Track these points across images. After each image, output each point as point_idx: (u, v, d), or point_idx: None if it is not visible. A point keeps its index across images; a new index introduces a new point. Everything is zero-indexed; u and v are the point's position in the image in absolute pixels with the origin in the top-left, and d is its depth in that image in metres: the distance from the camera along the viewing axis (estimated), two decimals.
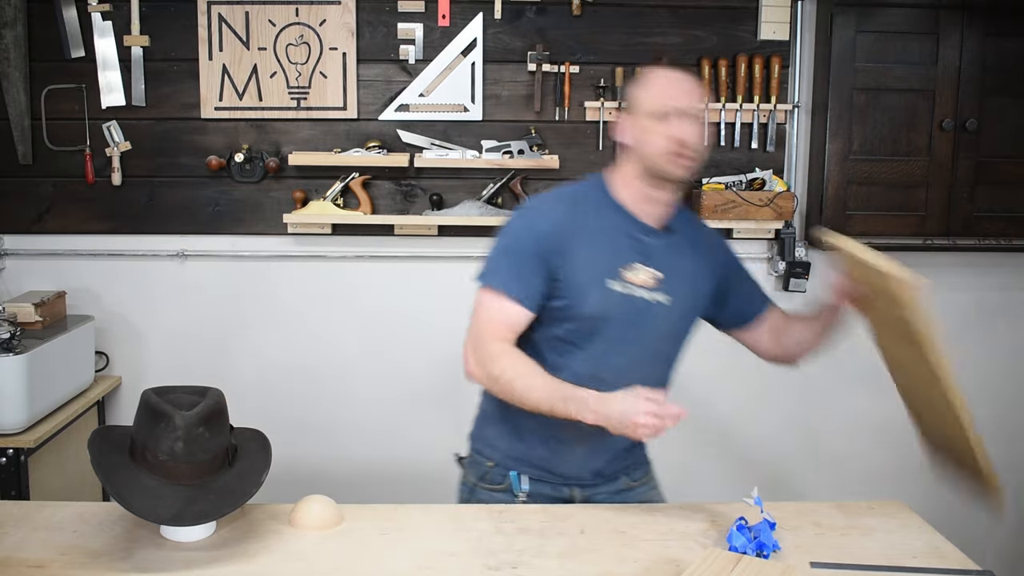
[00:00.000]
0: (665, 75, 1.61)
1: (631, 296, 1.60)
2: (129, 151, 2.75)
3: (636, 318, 1.62)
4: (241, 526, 1.53)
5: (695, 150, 1.58)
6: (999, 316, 2.97)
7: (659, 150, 1.57)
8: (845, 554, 1.46)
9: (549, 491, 1.73)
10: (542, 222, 1.62)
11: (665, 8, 2.77)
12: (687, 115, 1.57)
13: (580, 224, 1.61)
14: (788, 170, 2.83)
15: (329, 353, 2.85)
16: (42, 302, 2.55)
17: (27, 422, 2.32)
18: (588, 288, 1.59)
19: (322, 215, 2.71)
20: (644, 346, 1.65)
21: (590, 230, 1.61)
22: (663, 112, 1.56)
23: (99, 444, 1.50)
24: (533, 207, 1.70)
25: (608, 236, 1.61)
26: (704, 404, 2.94)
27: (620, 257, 1.61)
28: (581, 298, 1.59)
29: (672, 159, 1.56)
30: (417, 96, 2.76)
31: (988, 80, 2.70)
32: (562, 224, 1.60)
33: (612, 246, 1.61)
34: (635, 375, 1.57)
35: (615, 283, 1.60)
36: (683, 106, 1.57)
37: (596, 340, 1.61)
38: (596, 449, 1.70)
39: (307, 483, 1.87)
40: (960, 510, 3.12)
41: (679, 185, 1.63)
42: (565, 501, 1.73)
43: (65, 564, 1.39)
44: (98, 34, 2.70)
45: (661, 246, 1.64)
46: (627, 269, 1.60)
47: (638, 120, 1.60)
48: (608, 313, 1.60)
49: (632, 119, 1.62)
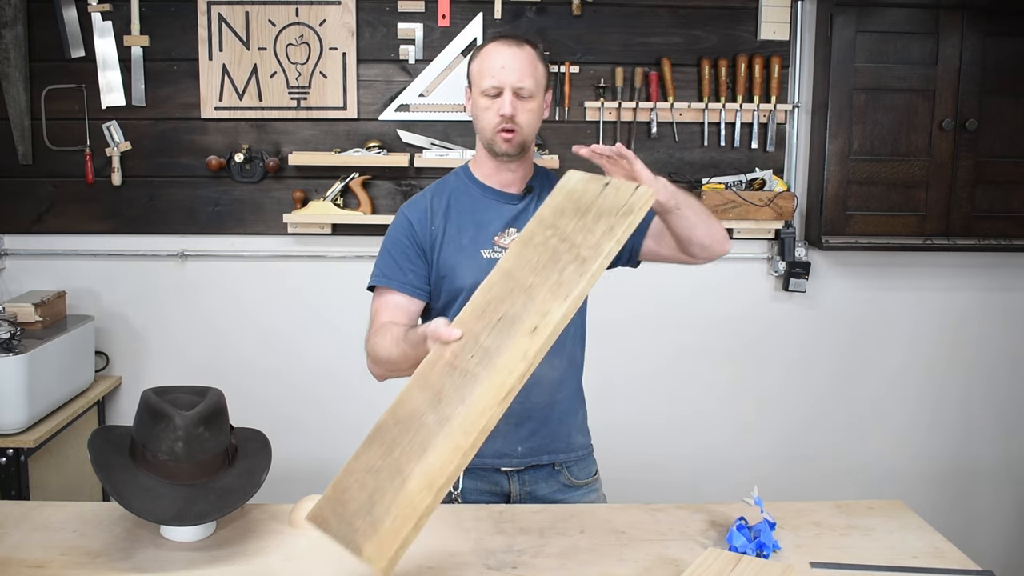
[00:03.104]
0: (495, 50, 1.64)
1: None
2: (129, 151, 2.75)
3: None
4: (241, 526, 1.53)
5: (521, 126, 1.63)
6: (999, 316, 2.97)
7: (489, 124, 1.64)
8: (845, 554, 1.46)
9: (484, 485, 1.74)
10: (411, 213, 1.72)
11: (665, 8, 2.77)
12: (513, 90, 1.61)
13: (448, 206, 1.71)
14: (788, 170, 2.84)
15: (329, 353, 2.85)
16: (42, 302, 2.55)
17: (27, 422, 2.32)
18: (462, 261, 1.67)
19: (322, 215, 2.71)
20: None
21: (458, 209, 1.71)
22: (489, 88, 1.62)
23: (99, 444, 1.50)
24: (405, 203, 1.77)
25: (475, 211, 1.71)
26: (704, 405, 2.95)
27: (490, 227, 1.69)
28: (457, 271, 1.67)
29: (500, 134, 1.63)
30: (417, 96, 2.76)
31: (988, 80, 2.70)
32: (429, 210, 1.71)
33: (480, 219, 1.70)
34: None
35: (488, 251, 1.68)
36: (509, 82, 1.61)
37: None
38: (516, 419, 1.69)
39: (307, 483, 1.87)
40: (960, 510, 3.14)
41: (513, 158, 1.67)
42: (503, 497, 1.74)
43: (65, 564, 1.39)
44: (98, 34, 2.70)
45: (525, 207, 1.71)
46: (498, 236, 1.69)
47: (473, 95, 1.67)
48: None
49: (470, 96, 1.69)
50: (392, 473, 1.22)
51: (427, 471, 1.19)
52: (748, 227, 2.78)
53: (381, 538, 1.16)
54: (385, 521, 1.17)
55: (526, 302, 1.28)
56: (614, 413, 2.64)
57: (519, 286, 1.31)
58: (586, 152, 1.51)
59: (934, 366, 2.98)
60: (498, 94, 1.62)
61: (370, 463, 1.26)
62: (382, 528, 1.17)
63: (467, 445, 1.18)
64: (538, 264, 1.32)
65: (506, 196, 1.72)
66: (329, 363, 2.85)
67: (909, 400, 2.99)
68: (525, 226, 1.41)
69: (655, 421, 2.94)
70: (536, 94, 1.64)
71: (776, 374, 2.96)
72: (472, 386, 1.23)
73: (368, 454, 1.28)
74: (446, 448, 1.19)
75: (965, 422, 3.02)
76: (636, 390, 2.91)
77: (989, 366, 3.00)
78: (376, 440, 1.29)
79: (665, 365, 2.90)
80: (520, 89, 1.61)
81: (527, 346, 1.22)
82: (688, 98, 2.79)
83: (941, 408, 3.01)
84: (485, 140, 1.67)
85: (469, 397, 1.22)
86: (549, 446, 1.75)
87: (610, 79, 2.77)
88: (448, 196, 1.72)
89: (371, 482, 1.23)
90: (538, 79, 1.64)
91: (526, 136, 1.65)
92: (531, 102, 1.63)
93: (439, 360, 1.31)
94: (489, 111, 1.63)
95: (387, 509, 1.18)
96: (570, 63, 2.74)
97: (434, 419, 1.24)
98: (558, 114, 2.77)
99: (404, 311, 1.68)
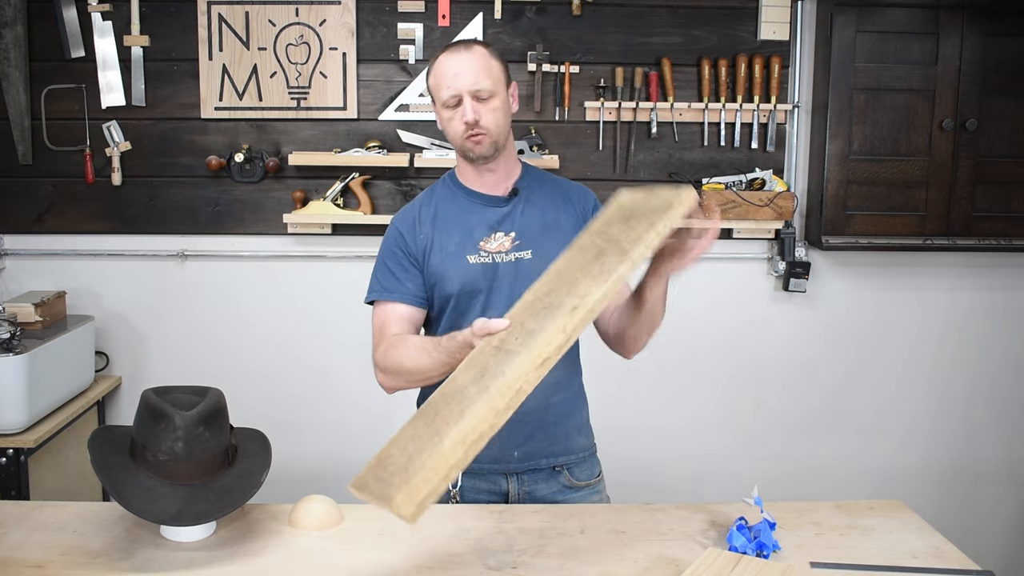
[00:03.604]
0: (445, 61, 1.65)
1: (492, 264, 1.69)
2: (129, 151, 2.75)
3: (503, 280, 1.68)
4: (241, 526, 1.53)
5: (488, 128, 1.64)
6: (999, 316, 2.97)
7: (457, 133, 1.66)
8: (845, 554, 1.46)
9: (482, 484, 1.74)
10: (400, 224, 1.75)
11: (665, 8, 2.77)
12: (471, 95, 1.62)
13: (435, 214, 1.73)
14: (788, 170, 2.84)
15: (329, 353, 2.85)
16: (42, 302, 2.55)
17: (27, 422, 2.32)
18: (448, 268, 1.69)
19: (322, 215, 2.71)
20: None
21: (445, 217, 1.73)
22: (448, 99, 1.64)
23: (99, 444, 1.50)
24: (396, 215, 1.79)
25: (461, 217, 1.72)
26: (704, 405, 2.95)
27: (476, 232, 1.70)
28: (444, 278, 1.69)
29: (469, 140, 1.65)
30: (417, 96, 2.76)
31: (988, 80, 2.70)
32: (417, 220, 1.74)
33: (466, 225, 1.71)
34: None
35: (474, 256, 1.69)
36: (465, 87, 1.62)
37: (475, 311, 1.67)
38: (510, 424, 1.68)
39: (307, 483, 1.87)
40: (961, 510, 3.14)
41: (489, 160, 1.68)
42: (501, 496, 1.74)
43: (65, 564, 1.39)
44: (98, 34, 2.70)
45: (510, 210, 1.72)
46: (484, 241, 1.70)
47: (437, 109, 1.69)
48: (476, 285, 1.68)
49: (436, 109, 1.70)
50: (431, 436, 1.27)
51: (462, 428, 1.23)
52: (748, 227, 2.78)
53: (412, 487, 1.19)
54: (418, 474, 1.21)
55: (569, 290, 1.35)
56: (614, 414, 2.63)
57: (565, 281, 1.39)
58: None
59: (934, 366, 2.98)
60: (458, 103, 1.63)
61: (414, 432, 1.32)
62: (414, 480, 1.20)
63: (502, 405, 1.24)
64: (584, 262, 1.40)
65: (491, 199, 1.73)
66: (329, 363, 2.85)
67: (909, 400, 2.99)
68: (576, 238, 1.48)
69: (655, 421, 2.94)
70: (497, 91, 1.64)
71: (776, 374, 2.96)
72: (513, 360, 1.29)
73: (413, 426, 1.34)
74: (482, 408, 1.24)
75: (966, 422, 3.02)
76: (636, 390, 2.90)
77: (989, 366, 3.00)
78: (422, 414, 1.35)
79: (665, 365, 2.90)
80: (478, 91, 1.62)
81: (566, 322, 1.29)
82: (688, 98, 2.79)
83: (942, 408, 3.01)
84: (458, 148, 1.69)
85: (509, 368, 1.28)
86: (547, 449, 1.74)
87: (610, 79, 2.77)
88: (435, 204, 1.75)
89: (412, 446, 1.29)
90: (495, 77, 1.65)
91: (495, 136, 1.66)
92: (493, 100, 1.64)
93: (487, 347, 1.39)
94: (453, 121, 1.65)
95: (422, 464, 1.22)
96: (570, 63, 2.74)
97: (475, 389, 1.30)
98: (558, 114, 2.77)
99: (410, 321, 1.70)
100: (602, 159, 2.80)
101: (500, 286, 1.68)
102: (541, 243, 1.70)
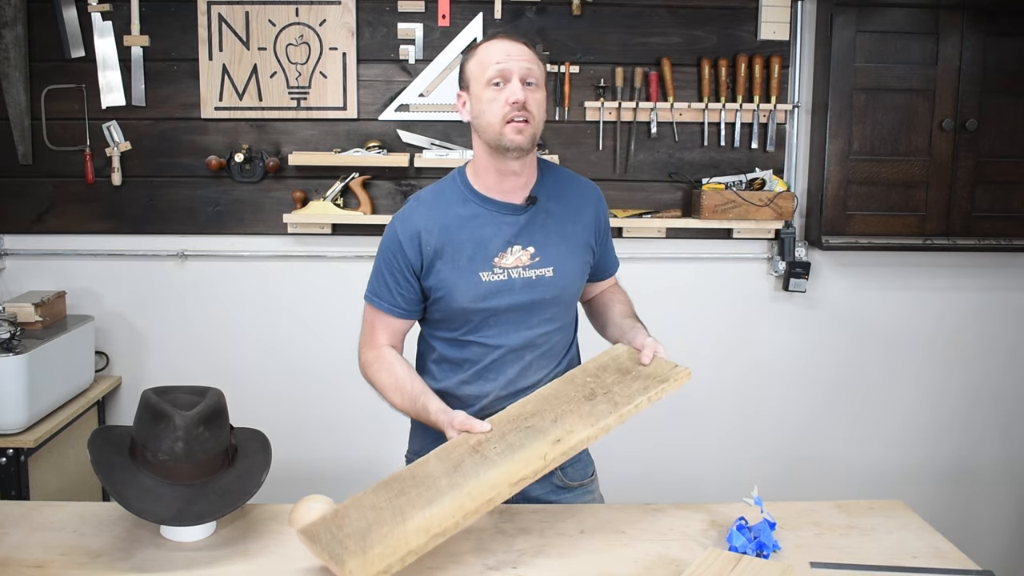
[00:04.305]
0: (495, 43, 1.56)
1: (508, 280, 1.60)
2: (129, 151, 2.75)
3: (519, 298, 1.61)
4: (241, 526, 1.53)
5: (532, 113, 1.53)
6: (999, 316, 2.97)
7: (496, 117, 1.52)
8: (845, 554, 1.46)
9: None
10: (402, 232, 1.62)
11: (665, 8, 2.77)
12: (520, 77, 1.53)
13: (443, 221, 1.60)
14: (788, 170, 2.84)
15: (329, 353, 2.85)
16: (42, 302, 2.55)
17: (27, 422, 2.32)
18: (459, 283, 1.59)
19: (322, 215, 2.71)
20: (541, 319, 1.65)
21: (456, 225, 1.60)
22: (494, 76, 1.53)
23: (99, 444, 1.50)
24: (398, 215, 1.66)
25: (474, 227, 1.60)
26: (704, 405, 2.95)
27: (490, 246, 1.59)
28: (454, 293, 1.59)
29: (510, 125, 1.52)
30: (417, 96, 2.76)
31: (988, 80, 2.70)
32: (423, 227, 1.60)
33: (480, 238, 1.60)
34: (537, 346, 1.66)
35: (487, 273, 1.59)
36: (514, 68, 1.52)
37: (486, 329, 1.63)
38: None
39: (307, 483, 1.87)
40: (960, 510, 3.14)
41: (524, 154, 1.56)
42: None
43: (65, 564, 1.39)
44: (98, 34, 2.70)
45: (529, 220, 1.62)
46: (499, 256, 1.60)
47: (474, 92, 1.57)
48: (488, 303, 1.60)
49: (469, 95, 1.59)
50: (394, 513, 1.33)
51: (427, 518, 1.30)
52: (748, 227, 2.78)
53: (367, 559, 1.24)
54: (376, 547, 1.26)
55: (555, 421, 1.46)
56: None
57: (552, 409, 1.50)
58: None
59: (934, 366, 2.98)
60: (505, 82, 1.53)
61: (376, 502, 1.37)
62: (371, 552, 1.25)
63: (471, 508, 1.31)
64: (573, 398, 1.51)
65: (508, 207, 1.61)
66: (329, 363, 2.85)
67: (909, 400, 2.99)
68: (570, 371, 1.59)
69: (654, 421, 2.93)
70: (542, 86, 1.56)
71: (776, 374, 2.96)
72: (489, 468, 1.38)
73: (376, 495, 1.39)
74: (451, 505, 1.32)
75: (966, 422, 3.02)
76: None
77: (990, 366, 3.00)
78: (387, 486, 1.41)
79: None
80: (528, 74, 1.53)
81: (547, 450, 1.39)
82: (688, 98, 2.79)
83: (942, 408, 3.01)
84: (492, 136, 1.54)
85: (484, 474, 1.36)
86: None
87: (610, 79, 2.77)
88: (444, 210, 1.62)
89: (372, 516, 1.34)
90: (541, 71, 1.58)
91: (537, 127, 1.55)
92: (538, 92, 1.55)
93: (464, 444, 1.46)
94: (496, 102, 1.52)
95: (381, 538, 1.28)
96: (570, 63, 2.74)
97: (447, 483, 1.37)
98: (558, 114, 2.77)
99: (396, 331, 1.70)
100: (602, 159, 2.80)
101: (515, 305, 1.61)
102: (560, 257, 1.63)
